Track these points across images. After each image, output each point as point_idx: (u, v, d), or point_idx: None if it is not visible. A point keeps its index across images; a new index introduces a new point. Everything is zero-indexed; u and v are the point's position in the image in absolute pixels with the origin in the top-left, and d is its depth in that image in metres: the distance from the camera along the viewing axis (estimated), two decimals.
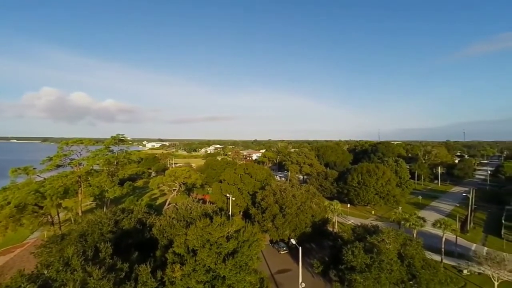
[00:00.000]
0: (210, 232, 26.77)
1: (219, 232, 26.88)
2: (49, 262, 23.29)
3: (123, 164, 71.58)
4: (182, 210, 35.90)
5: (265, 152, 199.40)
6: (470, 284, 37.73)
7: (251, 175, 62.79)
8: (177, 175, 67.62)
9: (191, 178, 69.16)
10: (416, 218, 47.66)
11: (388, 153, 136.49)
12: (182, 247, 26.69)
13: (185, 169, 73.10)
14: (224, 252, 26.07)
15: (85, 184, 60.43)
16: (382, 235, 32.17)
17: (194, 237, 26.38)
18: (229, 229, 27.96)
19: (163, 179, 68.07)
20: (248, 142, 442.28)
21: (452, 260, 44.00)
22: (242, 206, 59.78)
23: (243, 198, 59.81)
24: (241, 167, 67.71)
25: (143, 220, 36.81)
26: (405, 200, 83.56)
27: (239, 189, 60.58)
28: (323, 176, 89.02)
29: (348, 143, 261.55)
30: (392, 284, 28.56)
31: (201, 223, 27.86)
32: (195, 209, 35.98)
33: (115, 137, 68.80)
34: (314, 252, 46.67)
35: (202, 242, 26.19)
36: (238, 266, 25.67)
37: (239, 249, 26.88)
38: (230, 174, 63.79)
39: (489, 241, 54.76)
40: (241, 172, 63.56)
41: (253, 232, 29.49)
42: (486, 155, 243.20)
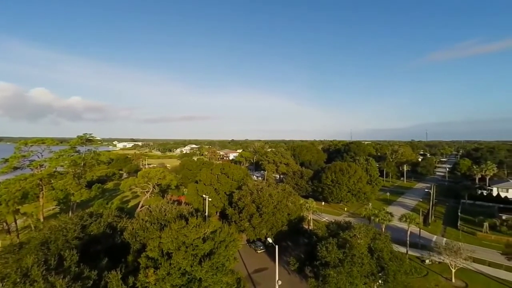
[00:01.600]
0: (185, 234, 26.14)
1: (195, 233, 26.35)
2: (4, 274, 21.21)
3: (91, 165, 67.29)
4: (156, 212, 34.65)
5: (242, 152, 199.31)
6: (431, 272, 40.85)
7: (228, 175, 62.37)
8: (150, 176, 65.11)
9: (165, 179, 66.97)
10: (384, 213, 50.60)
11: (359, 152, 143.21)
12: (156, 251, 25.76)
13: (159, 170, 70.62)
14: (200, 254, 25.61)
15: (47, 187, 55.87)
16: (354, 230, 33.66)
17: (169, 240, 25.59)
18: (205, 230, 27.51)
19: (136, 181, 65.17)
20: (225, 142, 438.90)
21: (416, 251, 47.33)
22: (219, 206, 59.18)
23: (219, 199, 59.22)
24: (218, 167, 66.98)
25: (113, 224, 34.90)
26: (375, 196, 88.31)
27: (215, 190, 59.89)
28: (299, 175, 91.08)
29: (323, 143, 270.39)
30: (363, 277, 30.00)
31: (176, 225, 27.10)
32: (170, 211, 34.92)
33: (82, 136, 64.47)
34: (290, 249, 47.60)
35: (177, 244, 25.49)
36: (214, 267, 25.37)
37: (216, 250, 26.58)
38: (206, 174, 62.81)
39: (448, 232, 59.75)
40: (217, 172, 62.88)
41: (229, 232, 29.31)
42: (445, 154, 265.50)
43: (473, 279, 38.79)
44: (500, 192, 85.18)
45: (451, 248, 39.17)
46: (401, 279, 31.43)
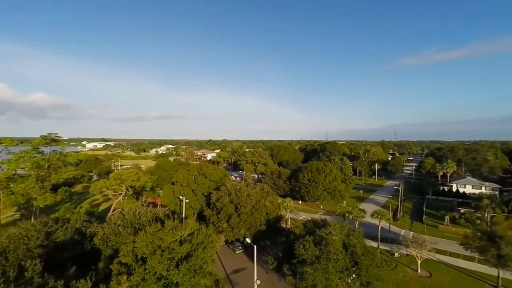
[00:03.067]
0: (161, 237, 25.33)
1: (171, 236, 25.63)
2: None
3: (56, 167, 62.68)
4: (130, 215, 33.17)
5: (220, 152, 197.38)
6: (400, 264, 43.46)
7: (206, 175, 61.45)
8: (123, 178, 62.17)
9: (139, 180, 64.35)
10: (358, 210, 52.95)
11: (334, 152, 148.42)
12: (129, 256, 24.68)
13: (133, 171, 67.66)
14: (177, 257, 24.96)
15: (5, 191, 51.25)
16: (330, 228, 34.80)
17: (143, 244, 24.64)
18: (182, 233, 26.87)
19: (107, 183, 61.85)
20: (202, 142, 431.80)
21: (387, 245, 50.07)
22: (196, 208, 58.10)
23: (197, 200, 58.15)
24: (195, 167, 65.74)
25: (82, 229, 32.89)
26: (349, 194, 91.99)
27: (193, 191, 58.72)
28: (277, 175, 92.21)
29: (300, 143, 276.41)
30: (338, 272, 31.13)
31: (151, 228, 26.18)
32: (145, 213, 33.61)
33: (46, 136, 59.86)
34: (269, 248, 48.03)
35: (152, 248, 24.62)
36: (192, 270, 24.87)
37: (193, 253, 26.07)
38: (183, 175, 61.34)
39: (414, 226, 63.93)
40: (195, 173, 61.69)
41: (207, 234, 28.92)
42: (412, 153, 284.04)
43: (436, 269, 41.91)
44: (459, 188, 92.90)
45: (417, 241, 42.00)
46: (373, 272, 33.06)
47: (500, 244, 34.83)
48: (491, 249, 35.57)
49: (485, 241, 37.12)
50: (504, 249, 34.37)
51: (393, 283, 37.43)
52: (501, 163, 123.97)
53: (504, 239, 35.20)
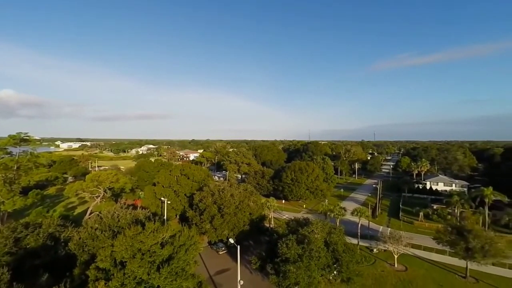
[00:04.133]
0: (141, 240, 24.59)
1: (152, 239, 24.96)
2: None
3: (27, 169, 58.94)
4: (108, 218, 31.92)
5: (203, 152, 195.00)
6: (378, 260, 45.19)
7: (188, 176, 60.46)
8: (101, 180, 59.65)
9: (119, 182, 62.05)
10: (339, 208, 54.45)
11: (317, 152, 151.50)
12: (107, 261, 23.74)
13: (111, 173, 65.10)
14: (158, 260, 24.34)
15: None
16: (312, 226, 35.51)
17: (123, 248, 23.79)
18: (163, 235, 26.24)
19: (83, 185, 59.04)
20: (185, 142, 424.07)
21: (366, 242, 51.88)
22: (179, 209, 57.02)
23: (179, 201, 57.07)
24: (177, 168, 64.47)
25: (55, 234, 31.22)
26: (331, 193, 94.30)
27: (175, 192, 57.55)
28: (260, 175, 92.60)
29: (283, 143, 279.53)
30: (320, 269, 31.85)
31: (131, 231, 25.34)
32: (124, 216, 32.50)
33: (14, 136, 56.13)
34: (252, 248, 48.11)
35: (132, 252, 23.84)
36: (174, 273, 24.36)
37: (175, 255, 25.55)
38: (165, 176, 59.94)
39: (392, 223, 66.77)
40: (177, 174, 60.49)
41: (190, 235, 28.44)
42: (390, 153, 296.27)
43: (412, 263, 44.04)
44: (432, 186, 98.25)
45: (394, 237, 43.93)
46: (353, 268, 34.16)
47: (468, 237, 37.27)
48: (460, 242, 37.97)
49: (455, 235, 39.57)
50: (471, 242, 36.81)
51: (372, 278, 38.84)
52: (469, 162, 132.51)
53: (471, 233, 37.70)
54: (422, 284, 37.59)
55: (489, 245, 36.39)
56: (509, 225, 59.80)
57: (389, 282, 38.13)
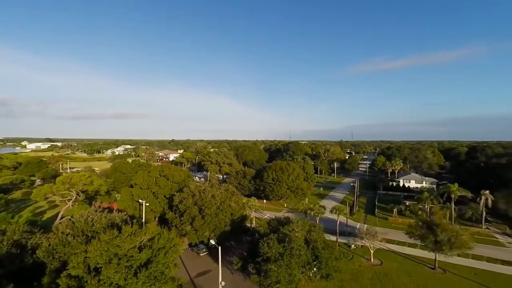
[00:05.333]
0: (118, 245, 23.63)
1: (129, 243, 24.08)
2: None
3: None
4: (81, 223, 30.28)
5: (183, 153, 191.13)
6: (356, 255, 46.92)
7: (168, 177, 58.97)
8: (73, 182, 56.53)
9: (93, 184, 59.18)
10: (318, 207, 55.79)
11: (297, 152, 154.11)
12: (80, 267, 22.55)
13: (84, 174, 61.86)
14: (136, 264, 23.54)
15: None
16: (292, 225, 36.12)
17: (97, 253, 22.72)
18: (141, 238, 25.42)
19: (53, 188, 55.63)
20: (164, 142, 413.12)
21: (344, 238, 53.62)
22: (158, 211, 55.45)
23: (158, 203, 55.50)
24: (156, 169, 62.65)
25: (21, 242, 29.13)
26: (311, 192, 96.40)
27: (153, 193, 55.88)
28: (242, 175, 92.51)
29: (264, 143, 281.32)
30: (300, 267, 32.48)
31: (107, 235, 24.27)
32: (99, 220, 31.00)
33: None
34: (234, 249, 47.95)
35: (107, 257, 22.84)
36: (152, 277, 23.70)
37: (154, 259, 24.85)
38: (143, 177, 57.98)
39: (368, 219, 69.57)
40: (156, 175, 58.78)
41: (169, 237, 27.79)
42: (366, 152, 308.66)
43: (386, 257, 46.22)
44: (404, 183, 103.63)
45: (370, 233, 45.82)
46: (332, 264, 35.22)
47: (437, 231, 39.83)
48: (430, 236, 40.47)
49: (425, 229, 42.09)
50: (439, 235, 39.37)
51: (350, 273, 40.24)
52: (438, 160, 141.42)
53: (439, 226, 40.33)
54: (396, 277, 39.57)
55: (455, 238, 39.12)
56: (472, 219, 64.65)
57: (365, 276, 39.72)
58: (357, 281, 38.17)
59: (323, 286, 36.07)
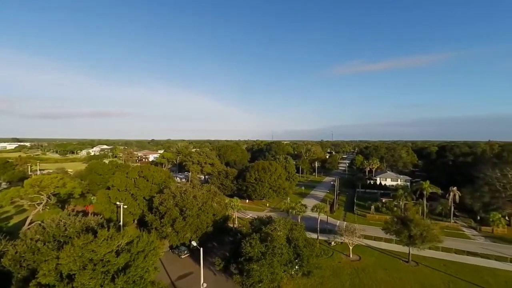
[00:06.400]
0: (93, 250, 22.60)
1: (106, 247, 23.11)
2: None
3: None
4: (52, 228, 28.58)
5: (163, 153, 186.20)
6: (336, 252, 48.27)
7: (147, 178, 57.23)
8: (44, 185, 53.19)
9: (65, 186, 56.00)
10: (300, 206, 56.75)
11: (279, 151, 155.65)
12: (51, 275, 21.29)
13: (56, 176, 58.40)
14: (113, 269, 22.64)
15: None
16: (275, 224, 36.43)
17: (70, 259, 21.58)
18: (119, 242, 24.50)
19: (21, 191, 51.99)
20: (144, 142, 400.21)
21: (325, 236, 54.97)
22: (137, 213, 53.66)
23: (137, 205, 53.71)
24: (135, 170, 60.56)
25: None
26: (292, 191, 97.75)
27: (132, 195, 53.99)
28: (224, 175, 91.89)
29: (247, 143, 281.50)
30: (282, 265, 32.85)
31: (81, 240, 23.12)
32: (72, 224, 29.43)
33: None
34: (216, 250, 47.53)
35: (82, 263, 21.76)
36: (131, 281, 22.92)
37: (132, 263, 24.04)
38: (121, 178, 55.78)
39: (347, 216, 71.82)
40: (135, 176, 56.82)
41: (149, 240, 27.02)
42: (346, 151, 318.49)
43: (364, 252, 48.00)
44: (381, 181, 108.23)
45: (349, 229, 47.37)
46: (313, 261, 35.96)
47: (410, 226, 41.99)
48: (404, 231, 42.58)
49: (400, 225, 44.21)
50: (413, 230, 41.55)
51: (330, 270, 41.35)
52: (411, 159, 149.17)
53: (412, 222, 42.55)
54: (373, 271, 41.21)
55: (427, 232, 41.47)
56: (442, 214, 68.86)
57: (345, 272, 41.01)
58: (337, 277, 39.29)
59: (305, 283, 36.76)
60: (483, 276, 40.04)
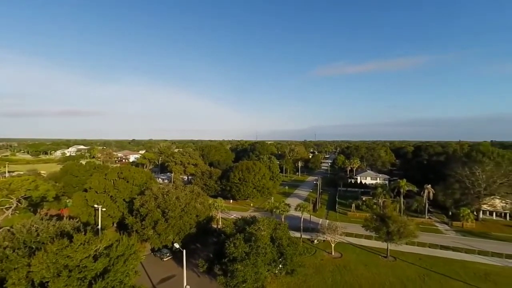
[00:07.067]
0: (68, 255, 21.53)
1: (83, 252, 22.11)
2: None
3: None
4: (22, 233, 26.89)
5: (145, 153, 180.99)
6: (318, 250, 49.26)
7: (128, 179, 55.35)
8: (13, 188, 50.02)
9: (38, 189, 53.00)
10: (284, 205, 57.40)
11: (263, 151, 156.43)
12: (22, 284, 20.06)
13: (27, 179, 55.10)
14: (90, 275, 21.70)
15: None
16: (258, 224, 36.57)
17: (43, 266, 20.43)
18: (97, 246, 23.52)
19: None
20: (124, 142, 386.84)
21: (308, 234, 55.91)
22: (116, 216, 51.78)
23: (117, 207, 51.84)
24: (115, 171, 58.35)
25: None
26: (276, 190, 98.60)
27: (111, 197, 52.03)
28: (208, 175, 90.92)
29: (231, 143, 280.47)
30: (266, 265, 33.02)
31: (55, 245, 21.96)
32: (45, 229, 27.87)
33: None
34: (200, 251, 46.91)
35: (56, 270, 20.66)
36: (110, 287, 22.07)
37: (112, 267, 23.17)
38: (99, 180, 53.56)
39: (330, 215, 73.52)
40: (114, 177, 54.76)
41: (129, 244, 26.18)
42: (328, 151, 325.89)
43: (346, 249, 49.39)
44: (362, 180, 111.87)
45: (331, 227, 48.54)
46: (296, 260, 36.46)
47: (388, 223, 43.74)
48: (383, 227, 44.28)
49: (379, 222, 45.92)
50: (391, 226, 43.31)
51: (313, 267, 42.14)
52: (390, 159, 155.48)
53: (390, 218, 44.34)
54: (354, 267, 42.50)
55: (403, 228, 43.39)
56: (417, 210, 72.37)
57: (327, 269, 41.96)
58: (319, 274, 40.11)
59: (288, 282, 37.20)
60: (454, 268, 42.55)
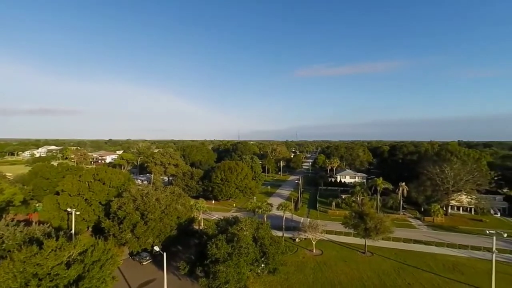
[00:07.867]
0: (38, 263, 20.24)
1: (54, 259, 20.88)
2: None
3: None
4: None
5: (122, 154, 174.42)
6: (300, 248, 50.16)
7: (104, 181, 53.00)
8: None
9: (3, 193, 49.33)
10: (266, 205, 57.84)
11: (246, 151, 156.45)
12: None
13: None
14: (63, 283, 20.55)
15: None
16: (241, 224, 36.52)
17: (9, 276, 19.05)
18: (70, 252, 22.32)
19: None
20: (100, 142, 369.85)
21: (290, 233, 56.74)
22: (92, 220, 49.44)
23: (92, 210, 49.49)
24: (90, 172, 55.59)
25: None
26: (259, 190, 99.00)
27: (86, 200, 49.57)
28: (189, 176, 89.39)
29: (213, 143, 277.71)
30: (248, 264, 33.06)
31: (22, 253, 20.55)
32: (12, 236, 26.02)
33: None
34: (181, 253, 45.99)
35: (24, 279, 19.35)
36: None
37: (87, 274, 22.10)
38: (72, 182, 50.77)
39: (311, 213, 75.09)
40: (89, 179, 52.19)
41: (106, 249, 25.11)
42: (309, 151, 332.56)
43: (326, 246, 50.71)
44: (341, 179, 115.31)
45: (312, 225, 49.61)
46: (278, 259, 36.85)
47: (366, 219, 45.49)
48: (361, 224, 45.97)
49: (357, 219, 47.61)
50: (368, 223, 45.07)
51: (295, 265, 42.83)
52: (367, 158, 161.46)
53: (368, 215, 46.13)
54: (334, 264, 43.76)
55: (380, 224, 45.34)
56: (392, 207, 75.90)
57: (308, 266, 42.83)
58: (301, 272, 40.84)
59: (270, 280, 37.51)
60: (426, 261, 45.14)
